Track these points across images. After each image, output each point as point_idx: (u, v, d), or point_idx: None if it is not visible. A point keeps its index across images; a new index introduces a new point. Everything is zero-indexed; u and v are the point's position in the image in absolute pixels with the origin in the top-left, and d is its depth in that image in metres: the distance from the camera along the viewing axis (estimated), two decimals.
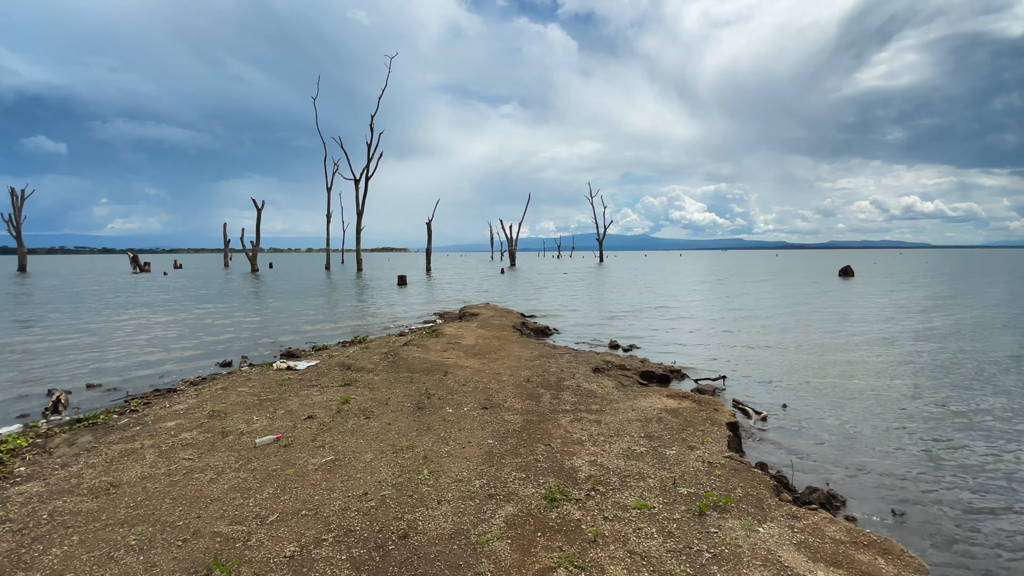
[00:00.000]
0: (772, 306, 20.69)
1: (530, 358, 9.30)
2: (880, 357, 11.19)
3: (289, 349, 11.38)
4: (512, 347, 10.36)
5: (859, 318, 16.97)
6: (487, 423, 5.93)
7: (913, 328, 14.96)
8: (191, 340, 13.53)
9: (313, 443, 5.55)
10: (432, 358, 9.08)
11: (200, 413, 6.88)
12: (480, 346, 10.30)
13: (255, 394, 7.68)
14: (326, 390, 7.62)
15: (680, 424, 5.89)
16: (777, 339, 13.42)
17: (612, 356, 9.90)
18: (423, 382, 7.73)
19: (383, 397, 7.09)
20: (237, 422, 6.44)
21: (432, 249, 54.07)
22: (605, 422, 5.93)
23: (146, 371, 10.37)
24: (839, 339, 13.29)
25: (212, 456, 5.40)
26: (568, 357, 9.45)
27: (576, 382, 7.68)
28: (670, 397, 6.94)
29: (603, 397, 6.93)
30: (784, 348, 12.23)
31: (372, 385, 7.72)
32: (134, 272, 55.58)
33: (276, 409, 6.86)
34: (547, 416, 6.15)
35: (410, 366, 8.61)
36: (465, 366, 8.58)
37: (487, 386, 7.41)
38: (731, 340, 13.37)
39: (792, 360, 10.95)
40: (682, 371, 9.65)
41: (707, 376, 9.42)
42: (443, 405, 6.62)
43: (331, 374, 8.53)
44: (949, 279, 37.02)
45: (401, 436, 5.60)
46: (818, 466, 5.77)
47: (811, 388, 8.86)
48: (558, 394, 7.04)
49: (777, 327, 15.32)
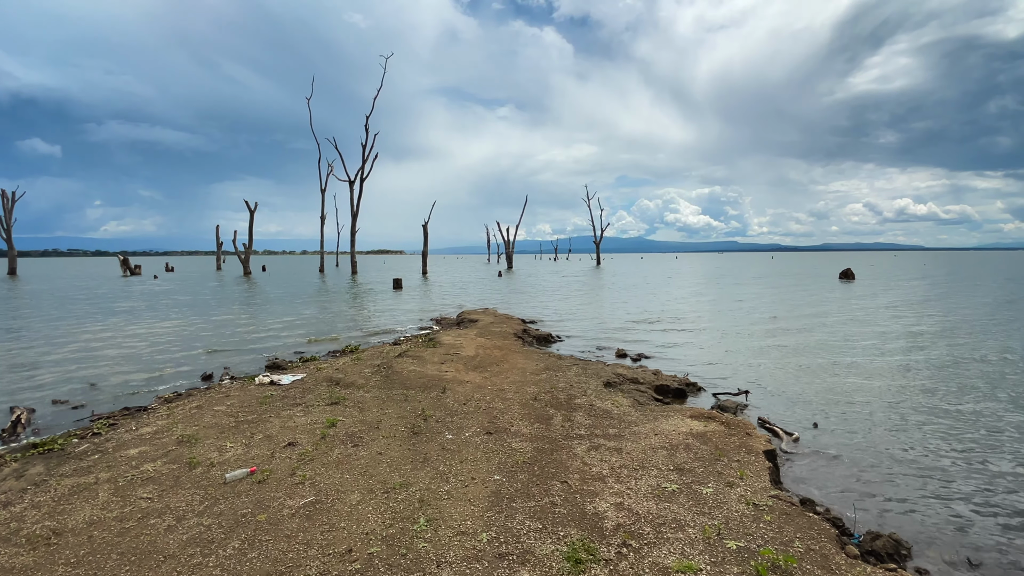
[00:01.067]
0: (779, 310, 20.04)
1: (535, 371, 8.58)
2: (911, 367, 10.53)
3: (275, 360, 10.62)
4: (515, 358, 9.64)
5: (873, 322, 16.33)
6: (493, 452, 5.20)
7: (936, 333, 14.32)
8: (173, 350, 12.73)
9: (292, 478, 4.80)
10: (429, 372, 8.35)
11: (168, 438, 6.13)
12: (481, 357, 9.58)
13: (232, 414, 6.93)
14: (311, 410, 6.87)
15: (711, 452, 5.18)
16: (792, 346, 12.75)
17: (622, 368, 9.20)
18: (419, 400, 7.00)
19: (374, 419, 6.35)
20: (208, 450, 5.69)
21: (428, 251, 53.31)
22: (627, 450, 5.21)
23: (121, 385, 9.59)
24: (859, 346, 12.63)
25: (174, 495, 4.65)
26: (576, 370, 8.73)
27: (588, 400, 6.96)
28: (694, 418, 6.23)
29: (620, 418, 6.22)
30: (801, 356, 11.55)
31: (362, 404, 6.98)
32: (124, 275, 54.49)
33: (254, 433, 6.11)
34: (560, 443, 5.43)
35: (405, 381, 7.87)
36: (465, 381, 7.86)
37: (490, 405, 6.68)
38: (742, 347, 12.69)
39: (812, 370, 10.28)
40: (698, 384, 8.95)
41: (726, 391, 8.72)
42: (442, 429, 5.89)
43: (318, 390, 7.79)
44: (952, 281, 36.53)
45: (394, 470, 4.87)
46: (867, 499, 5.07)
47: (839, 402, 8.18)
48: (570, 415, 6.32)
49: (789, 332, 14.67)
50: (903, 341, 13.37)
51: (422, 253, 52.76)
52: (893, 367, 10.55)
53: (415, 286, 35.56)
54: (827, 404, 8.17)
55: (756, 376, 9.86)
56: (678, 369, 10.49)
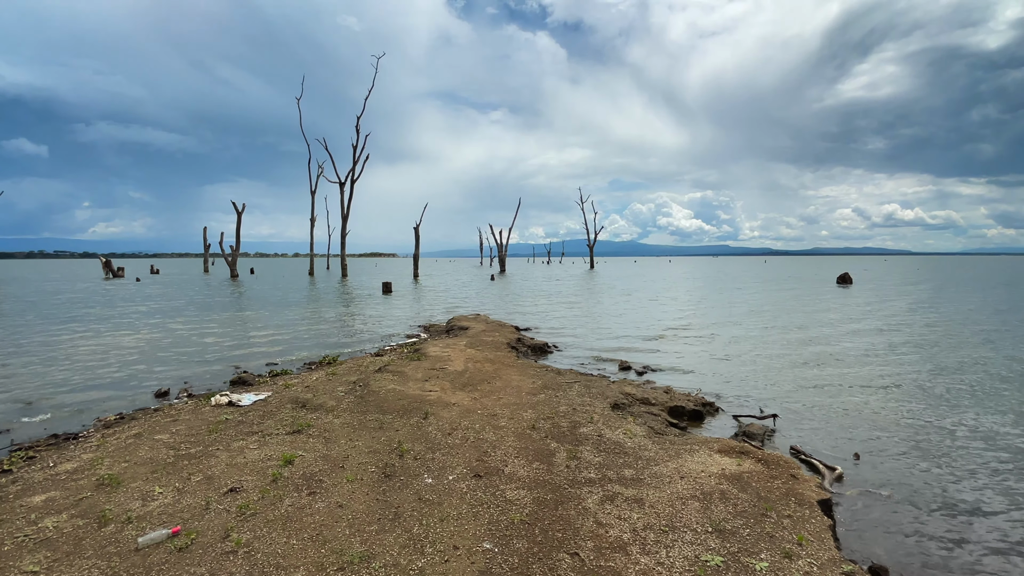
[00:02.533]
0: (786, 317, 19.12)
1: (532, 390, 7.54)
2: (945, 383, 9.59)
3: (241, 375, 9.50)
4: (509, 373, 8.59)
5: (890, 330, 15.44)
6: (482, 506, 4.14)
7: (956, 344, 13.44)
8: (135, 361, 11.55)
9: (223, 544, 3.73)
10: (411, 391, 7.27)
11: (87, 479, 5.02)
12: (471, 372, 8.52)
13: (174, 445, 5.83)
14: (268, 441, 5.78)
15: (755, 504, 4.17)
16: (808, 357, 11.78)
17: (630, 386, 8.18)
18: (396, 429, 5.93)
19: (340, 455, 5.27)
20: (131, 497, 4.60)
21: (420, 254, 52.16)
22: (650, 501, 4.18)
23: (62, 404, 8.43)
24: (881, 357, 11.68)
25: (68, 566, 3.57)
26: (579, 388, 7.70)
27: (596, 428, 5.93)
28: (724, 453, 5.22)
29: (636, 454, 5.19)
30: (819, 368, 10.58)
31: (329, 433, 5.90)
32: (106, 278, 52.84)
33: (192, 474, 5.02)
34: (566, 491, 4.39)
35: (381, 404, 6.79)
36: (451, 403, 6.79)
37: (480, 436, 5.63)
38: (753, 357, 11.72)
39: (836, 386, 9.31)
40: (715, 404, 7.96)
41: (748, 413, 7.72)
42: (420, 470, 4.83)
43: (280, 414, 6.69)
44: (948, 286, 35.93)
45: (355, 532, 3.80)
46: (950, 561, 4.08)
47: (875, 425, 7.21)
48: (576, 449, 5.28)
49: (801, 341, 13.71)
50: (926, 352, 12.45)
51: (413, 256, 51.61)
52: (925, 383, 9.61)
53: (405, 290, 34.41)
54: (862, 427, 7.19)
55: (774, 394, 8.88)
56: (687, 383, 9.51)
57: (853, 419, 7.61)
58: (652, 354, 12.43)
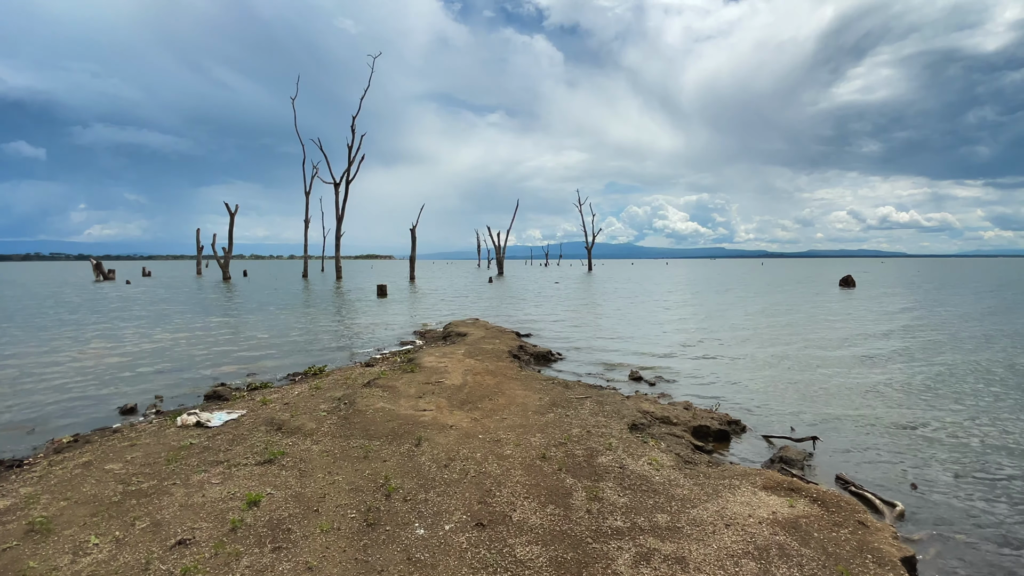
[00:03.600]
0: (794, 320, 18.36)
1: (540, 408, 6.73)
2: (994, 391, 8.82)
3: (217, 388, 8.65)
4: (513, 387, 7.78)
5: (905, 333, 14.69)
6: (487, 570, 3.33)
7: (979, 348, 12.69)
8: (108, 372, 10.68)
9: None
10: (402, 411, 6.45)
11: (19, 522, 4.19)
12: (470, 387, 7.70)
13: (125, 478, 4.99)
14: (233, 473, 4.96)
15: (823, 564, 3.37)
16: (830, 365, 10.98)
17: (645, 401, 7.39)
18: (384, 459, 5.11)
19: (316, 493, 4.45)
20: (60, 550, 3.78)
21: (417, 257, 51.32)
22: (694, 561, 3.38)
23: (23, 419, 7.60)
24: (907, 364, 10.89)
25: None
26: (591, 405, 6.90)
27: (616, 456, 5.12)
28: (770, 490, 4.43)
29: (667, 491, 4.39)
30: (846, 377, 9.79)
31: (305, 464, 5.07)
32: (97, 280, 51.83)
33: (139, 517, 4.19)
34: (589, 548, 3.58)
35: (368, 426, 5.97)
36: (448, 426, 5.97)
37: (482, 469, 4.81)
38: (767, 362, 10.92)
39: (864, 394, 8.53)
40: (742, 423, 7.17)
41: (781, 434, 6.94)
42: (410, 516, 4.01)
43: (252, 438, 5.86)
44: (952, 288, 35.27)
45: None
46: None
47: (922, 444, 6.43)
48: (596, 486, 4.47)
49: (819, 347, 12.92)
50: (963, 358, 11.68)
51: (410, 258, 50.75)
52: (968, 393, 8.83)
53: (401, 293, 33.56)
54: (907, 447, 6.41)
55: (800, 406, 8.10)
56: (704, 396, 8.73)
57: (895, 438, 6.84)
58: (662, 361, 11.65)
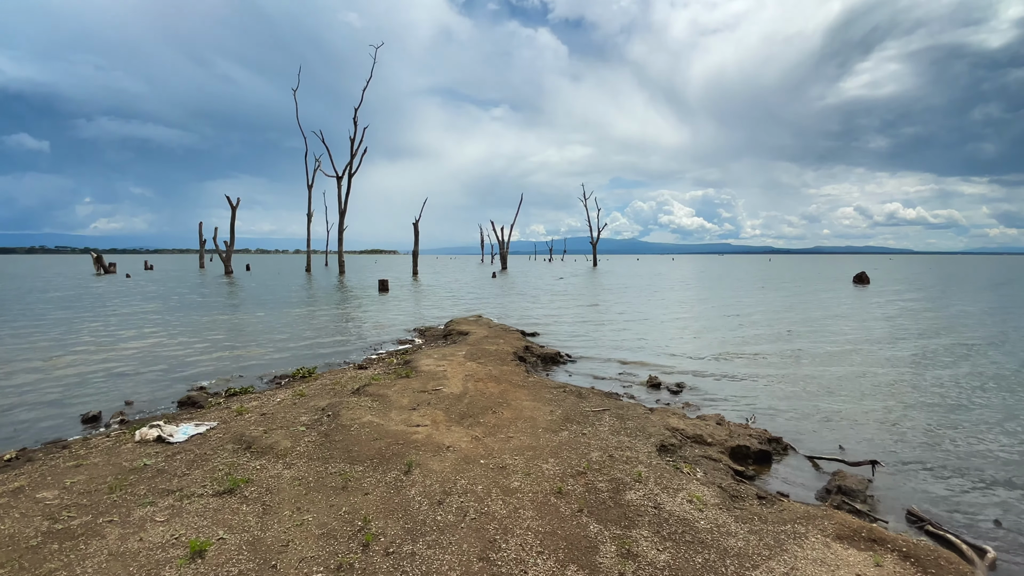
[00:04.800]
0: (815, 317, 17.31)
1: (551, 424, 5.82)
2: None
3: (192, 393, 7.79)
4: (519, 397, 6.88)
5: (941, 331, 13.67)
6: None
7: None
8: (82, 373, 9.87)
9: None
10: (392, 426, 5.55)
11: None
12: (471, 396, 6.80)
13: (55, 512, 4.14)
14: (184, 507, 4.09)
15: None
16: (862, 367, 9.99)
17: (672, 416, 6.47)
18: (366, 491, 4.22)
19: (278, 539, 3.58)
20: None
21: (420, 251, 50.45)
22: None
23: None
24: (953, 368, 9.88)
25: None
26: (610, 421, 5.99)
27: (647, 491, 4.22)
28: (846, 540, 3.51)
29: (718, 544, 3.48)
30: (879, 380, 8.83)
31: (272, 496, 4.20)
32: (97, 274, 51.27)
33: (56, 570, 3.34)
34: None
35: (351, 446, 5.08)
36: (445, 447, 5.08)
37: (485, 509, 3.92)
38: (795, 364, 9.93)
39: (914, 403, 7.57)
40: (783, 440, 6.26)
41: (831, 455, 6.01)
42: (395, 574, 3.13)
43: (215, 460, 5.00)
44: (968, 285, 34.02)
45: None
46: None
47: (993, 469, 5.50)
48: (627, 536, 3.57)
49: (847, 348, 11.92)
50: (1015, 360, 10.67)
51: (413, 253, 49.87)
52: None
53: (403, 288, 32.71)
54: (976, 471, 5.49)
55: (841, 418, 7.16)
56: (733, 403, 7.82)
57: (961, 458, 5.90)
58: (680, 364, 10.72)
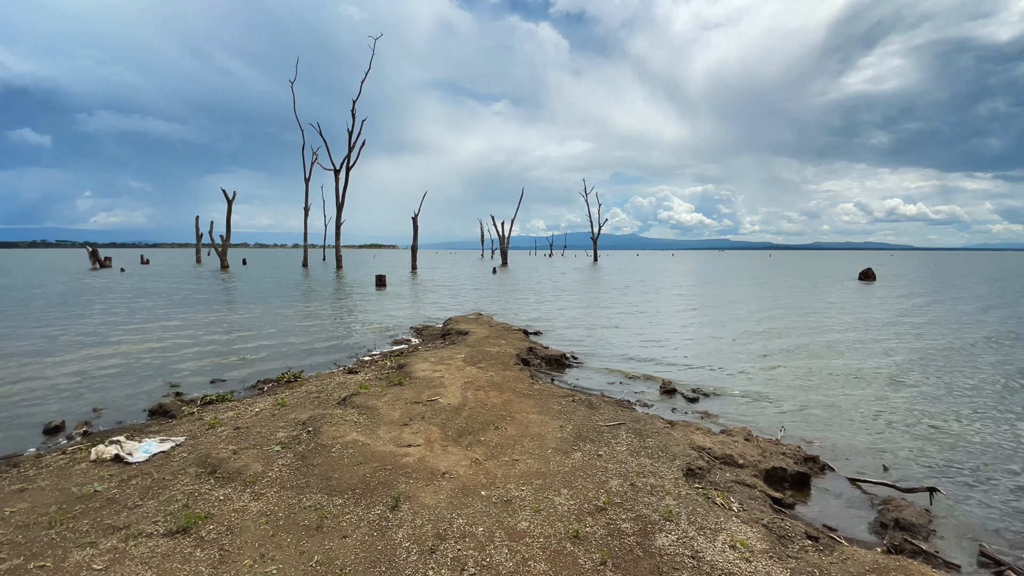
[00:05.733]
0: (825, 314, 16.60)
1: (562, 443, 5.13)
2: None
3: (164, 402, 7.08)
4: (525, 408, 6.19)
5: (980, 332, 12.95)
6: None
7: None
8: (57, 378, 9.18)
9: None
10: (379, 447, 4.86)
11: None
12: (471, 408, 6.11)
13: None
14: (128, 551, 3.40)
15: None
16: (892, 369, 9.29)
17: (697, 431, 5.78)
18: (343, 532, 3.53)
19: None
20: None
21: (420, 246, 49.69)
22: None
23: None
24: (993, 368, 9.18)
25: None
26: (628, 437, 5.30)
27: (682, 533, 3.53)
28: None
29: None
30: (915, 386, 8.14)
31: (232, 538, 3.51)
32: (93, 268, 50.54)
33: None
34: None
35: (330, 473, 4.38)
36: (440, 473, 4.38)
37: (487, 559, 3.22)
38: (815, 365, 9.21)
39: (963, 415, 6.88)
40: (819, 458, 5.58)
41: (877, 479, 5.32)
42: None
43: (174, 487, 4.31)
44: (981, 281, 33.25)
45: None
46: None
47: None
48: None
49: (871, 347, 11.21)
50: None
51: (412, 247, 49.10)
52: None
53: (401, 284, 31.99)
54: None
55: (878, 427, 6.47)
56: (757, 414, 7.15)
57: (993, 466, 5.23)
58: (693, 365, 10.04)
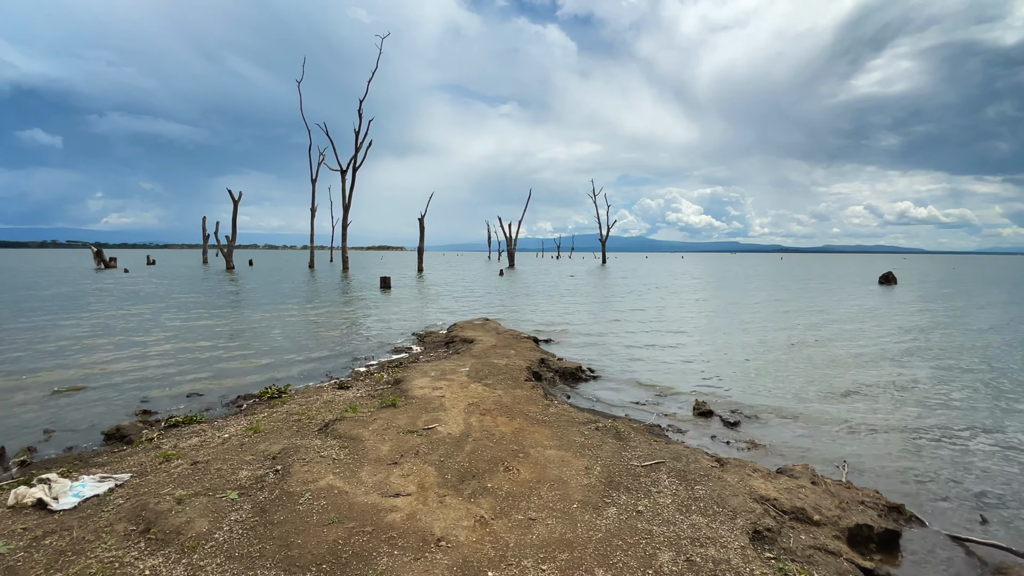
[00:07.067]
0: (858, 321, 15.37)
1: (590, 495, 4.10)
2: None
3: (121, 425, 6.14)
4: (541, 440, 5.17)
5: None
6: None
7: None
8: (25, 389, 8.31)
9: None
10: (359, 498, 3.86)
11: None
12: (475, 440, 5.10)
13: None
14: None
15: None
16: (947, 383, 8.16)
17: (755, 475, 4.73)
18: None
19: None
20: None
21: (426, 248, 48.86)
22: None
23: None
24: None
25: None
26: (671, 484, 4.27)
27: None
28: None
29: None
30: (983, 401, 7.03)
31: None
32: (97, 268, 50.22)
33: None
34: None
35: (291, 537, 3.39)
36: (435, 540, 3.38)
37: None
38: (866, 380, 8.11)
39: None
40: (904, 507, 4.52)
41: (988, 539, 4.25)
42: None
43: (91, 553, 3.33)
44: (1008, 285, 31.67)
45: None
46: None
47: None
48: None
49: (922, 355, 10.04)
50: None
51: (418, 249, 48.27)
52: None
53: (407, 286, 31.10)
54: None
55: (957, 463, 5.38)
56: (797, 431, 6.09)
57: None
58: (720, 376, 8.98)
